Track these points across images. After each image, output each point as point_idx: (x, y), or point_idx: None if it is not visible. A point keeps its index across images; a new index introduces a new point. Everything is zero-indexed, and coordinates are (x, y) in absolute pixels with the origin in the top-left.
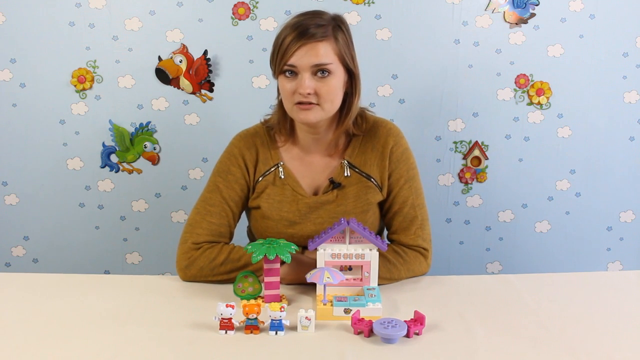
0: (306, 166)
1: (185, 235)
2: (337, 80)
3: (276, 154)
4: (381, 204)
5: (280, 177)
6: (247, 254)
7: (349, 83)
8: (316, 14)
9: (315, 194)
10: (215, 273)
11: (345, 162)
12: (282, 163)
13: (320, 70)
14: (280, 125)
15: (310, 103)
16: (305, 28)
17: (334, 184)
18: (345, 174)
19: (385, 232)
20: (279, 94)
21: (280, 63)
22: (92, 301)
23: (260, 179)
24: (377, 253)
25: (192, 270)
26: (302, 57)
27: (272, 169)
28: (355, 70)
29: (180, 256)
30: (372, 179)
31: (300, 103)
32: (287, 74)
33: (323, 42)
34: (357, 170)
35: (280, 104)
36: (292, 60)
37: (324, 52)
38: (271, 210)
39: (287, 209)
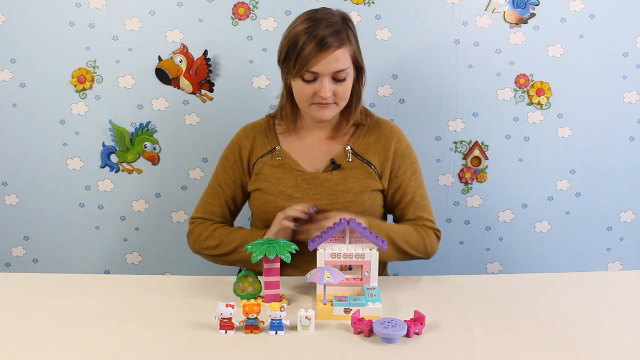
0: (307, 149)
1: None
2: (351, 80)
3: (274, 139)
4: (385, 196)
5: (277, 158)
6: (227, 234)
7: (356, 75)
8: (327, 17)
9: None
10: (203, 247)
11: (349, 148)
12: (278, 147)
13: (339, 75)
14: (285, 114)
15: (328, 103)
16: (323, 37)
17: (334, 165)
18: (348, 159)
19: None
20: (286, 86)
21: (300, 70)
22: (92, 301)
23: (257, 161)
24: (377, 253)
25: (189, 242)
26: (325, 65)
27: (269, 153)
28: (363, 64)
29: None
30: (372, 166)
31: (318, 103)
32: (305, 77)
33: (341, 48)
34: (359, 157)
35: (287, 95)
36: (315, 68)
37: (343, 58)
38: (270, 185)
39: (285, 184)
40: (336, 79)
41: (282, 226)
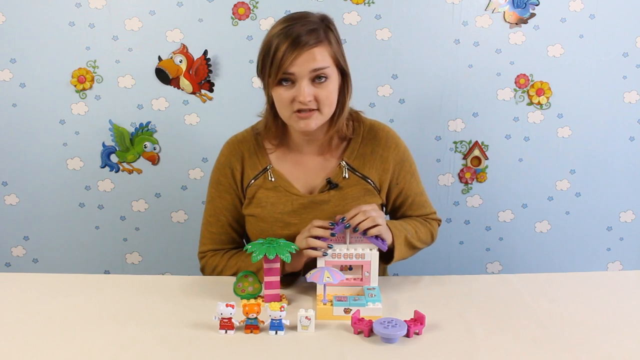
0: (299, 167)
1: (199, 245)
2: (334, 84)
3: (264, 159)
4: (385, 206)
5: (270, 179)
6: (243, 259)
7: (341, 82)
8: (303, 17)
9: (311, 194)
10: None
11: (344, 163)
12: (270, 166)
13: (318, 77)
14: (270, 132)
15: (310, 110)
16: (298, 35)
17: (330, 185)
18: (344, 176)
19: None
20: (269, 100)
21: (277, 73)
22: (92, 301)
23: (251, 182)
24: (377, 253)
25: (205, 275)
26: (301, 64)
27: (261, 174)
28: (347, 69)
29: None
30: (370, 181)
31: (299, 111)
32: (284, 82)
33: (318, 46)
34: (356, 172)
35: (270, 110)
36: (291, 69)
37: (321, 57)
38: (264, 213)
39: (281, 210)
40: (316, 80)
41: (307, 255)
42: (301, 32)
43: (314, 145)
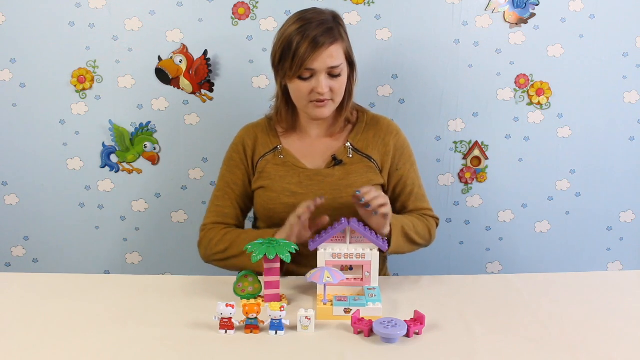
0: (307, 147)
1: (203, 220)
2: (345, 76)
3: (276, 139)
4: (385, 191)
5: (280, 157)
6: (238, 235)
7: (349, 71)
8: (317, 16)
9: None
10: (214, 252)
11: (349, 144)
12: (280, 146)
13: (334, 70)
14: (281, 117)
15: (325, 99)
16: (316, 36)
17: (336, 161)
18: (349, 155)
19: None
20: (281, 88)
21: (299, 69)
22: (92, 301)
23: (259, 159)
24: (378, 253)
25: (201, 251)
26: (320, 61)
27: (271, 151)
28: (354, 60)
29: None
30: (372, 160)
31: (316, 100)
32: (302, 76)
33: (335, 44)
34: (359, 152)
35: (283, 96)
36: (312, 65)
37: (337, 54)
38: (273, 183)
39: (288, 181)
40: (331, 74)
41: (297, 214)
42: (319, 32)
43: (321, 129)
